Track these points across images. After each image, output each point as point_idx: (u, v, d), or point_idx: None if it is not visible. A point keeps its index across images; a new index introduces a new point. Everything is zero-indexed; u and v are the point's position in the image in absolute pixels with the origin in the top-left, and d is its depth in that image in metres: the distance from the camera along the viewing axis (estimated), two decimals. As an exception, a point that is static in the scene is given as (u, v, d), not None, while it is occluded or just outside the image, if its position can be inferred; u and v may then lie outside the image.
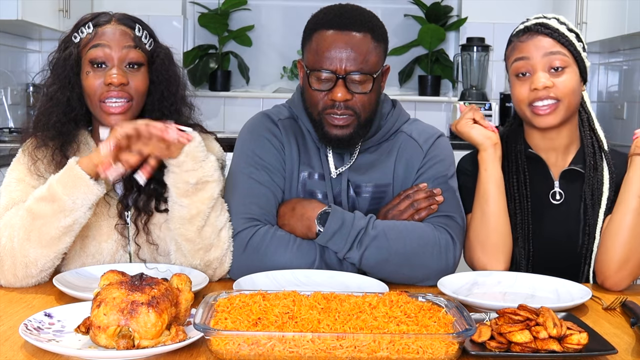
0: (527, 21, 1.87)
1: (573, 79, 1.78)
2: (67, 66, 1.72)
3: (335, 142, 1.76)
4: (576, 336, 1.21)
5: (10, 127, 4.06)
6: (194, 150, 1.61)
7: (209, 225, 1.65)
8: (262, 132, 1.83)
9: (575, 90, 1.79)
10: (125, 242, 1.74)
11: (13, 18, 3.55)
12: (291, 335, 1.15)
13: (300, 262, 1.69)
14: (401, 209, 1.76)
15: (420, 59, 4.66)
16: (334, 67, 1.68)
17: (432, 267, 1.69)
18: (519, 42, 1.83)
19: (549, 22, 1.82)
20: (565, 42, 1.78)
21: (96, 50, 1.70)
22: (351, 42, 1.68)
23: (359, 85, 1.70)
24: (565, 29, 1.80)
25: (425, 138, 1.84)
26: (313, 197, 1.80)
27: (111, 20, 1.74)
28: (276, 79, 4.78)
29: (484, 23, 4.58)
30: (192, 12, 4.72)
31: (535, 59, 1.78)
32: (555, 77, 1.77)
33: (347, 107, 1.70)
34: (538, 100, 1.77)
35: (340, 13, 1.73)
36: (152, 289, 1.21)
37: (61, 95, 1.72)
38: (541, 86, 1.75)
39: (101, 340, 1.18)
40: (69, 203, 1.57)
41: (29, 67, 4.50)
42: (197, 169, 1.62)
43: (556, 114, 1.78)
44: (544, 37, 1.79)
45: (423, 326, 1.20)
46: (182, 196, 1.63)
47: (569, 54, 1.78)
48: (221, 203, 1.69)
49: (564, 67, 1.77)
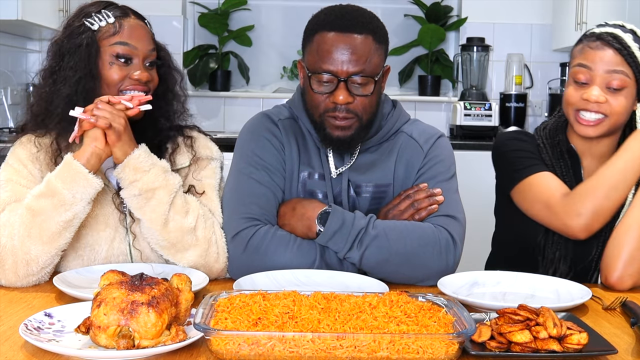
0: (603, 26, 1.82)
1: (628, 100, 1.78)
2: (90, 55, 1.71)
3: (337, 144, 1.76)
4: (576, 336, 1.21)
5: (10, 127, 4.06)
6: (135, 161, 1.63)
7: (174, 230, 1.66)
8: (262, 132, 1.83)
9: (627, 110, 1.79)
10: (124, 231, 1.74)
11: (13, 18, 3.55)
12: (291, 335, 1.15)
13: (301, 262, 1.69)
14: (401, 209, 1.76)
15: (420, 59, 4.66)
16: (335, 69, 1.67)
17: (432, 267, 1.69)
18: (587, 47, 1.80)
19: (624, 36, 1.78)
20: (632, 62, 1.76)
21: (125, 48, 1.71)
22: (353, 44, 1.67)
23: (361, 87, 1.69)
24: (637, 48, 1.77)
25: (425, 138, 1.84)
26: (313, 197, 1.80)
27: (129, 14, 1.76)
28: (276, 79, 4.78)
29: (484, 23, 4.58)
30: (192, 12, 4.72)
31: (597, 71, 1.77)
32: (610, 94, 1.77)
33: (348, 109, 1.70)
34: (585, 111, 1.78)
35: (341, 14, 1.72)
36: (152, 289, 1.21)
37: (81, 86, 1.70)
38: (593, 100, 1.76)
39: (101, 340, 1.18)
40: (69, 197, 1.58)
41: (29, 67, 4.50)
42: (138, 179, 1.63)
43: (599, 128, 1.79)
44: (612, 52, 1.76)
45: (423, 326, 1.20)
46: (135, 209, 1.66)
47: (631, 74, 1.77)
48: (182, 205, 1.68)
49: (621, 88, 1.76)
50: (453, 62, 4.62)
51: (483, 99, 4.44)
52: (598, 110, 1.77)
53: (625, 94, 1.77)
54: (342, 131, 1.73)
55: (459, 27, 4.60)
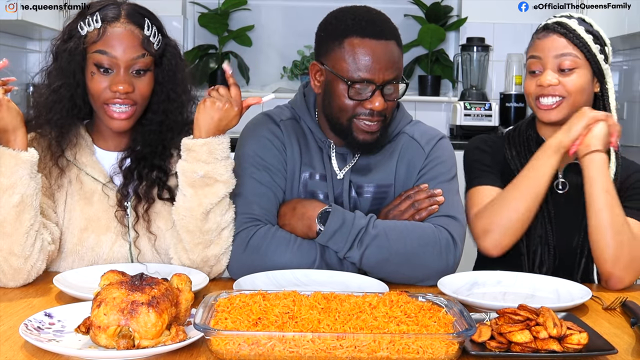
0: (550, 19, 1.90)
1: (582, 79, 1.83)
2: (72, 61, 1.68)
3: (365, 147, 1.77)
4: (576, 336, 1.21)
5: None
6: (216, 146, 1.62)
7: (210, 221, 1.65)
8: (264, 132, 1.83)
9: (583, 89, 1.83)
10: (125, 230, 1.74)
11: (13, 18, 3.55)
12: (291, 335, 1.15)
13: (301, 261, 1.69)
14: (402, 209, 1.76)
15: (420, 59, 4.66)
16: (372, 77, 1.68)
17: (432, 267, 1.69)
18: (536, 39, 1.88)
19: (569, 21, 1.85)
20: (579, 43, 1.83)
21: (103, 57, 1.66)
22: (387, 51, 1.69)
23: (393, 92, 1.72)
24: (583, 30, 1.83)
25: (427, 139, 1.85)
26: (314, 197, 1.80)
27: (120, 17, 1.68)
28: (276, 79, 4.77)
29: (484, 23, 4.57)
30: (192, 12, 4.71)
31: (546, 58, 1.84)
32: (563, 76, 1.82)
33: (380, 113, 1.71)
34: (543, 97, 1.84)
35: (372, 20, 1.72)
36: (152, 289, 1.21)
37: (65, 92, 1.69)
38: (546, 84, 1.81)
39: (101, 340, 1.18)
40: (4, 181, 1.55)
41: (29, 67, 4.49)
42: (209, 162, 1.62)
43: (559, 110, 1.83)
44: (558, 37, 1.84)
45: (423, 326, 1.20)
46: (188, 185, 1.63)
47: (581, 55, 1.83)
48: (228, 204, 1.68)
49: (573, 68, 1.82)
50: (453, 62, 4.61)
51: (483, 99, 4.44)
52: (554, 93, 1.82)
53: (578, 74, 1.82)
54: (370, 135, 1.73)
55: (459, 27, 4.60)
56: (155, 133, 1.77)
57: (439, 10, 4.57)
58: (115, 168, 1.77)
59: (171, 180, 1.76)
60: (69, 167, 1.76)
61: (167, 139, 1.78)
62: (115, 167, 1.77)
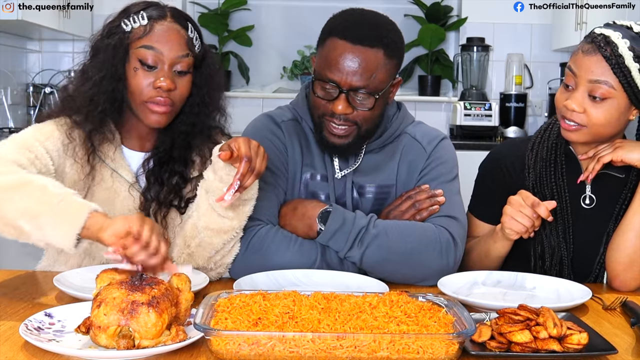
0: (608, 26, 1.73)
1: (611, 111, 1.69)
2: (116, 56, 1.67)
3: (332, 149, 1.77)
4: (576, 336, 1.21)
5: (10, 127, 4.07)
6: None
7: (235, 239, 1.67)
8: (265, 133, 1.83)
9: (609, 122, 1.70)
10: None
11: (13, 18, 3.55)
12: (291, 335, 1.15)
13: (301, 261, 1.69)
14: (403, 210, 1.76)
15: (420, 59, 4.66)
16: (338, 79, 1.66)
17: (432, 267, 1.69)
18: (580, 49, 1.72)
19: (619, 42, 1.66)
20: (620, 73, 1.65)
21: (148, 53, 1.65)
22: (361, 57, 1.65)
23: (361, 101, 1.68)
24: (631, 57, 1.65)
25: (428, 140, 1.85)
26: (315, 198, 1.80)
27: (166, 16, 1.68)
28: (276, 79, 4.77)
29: (484, 23, 4.58)
30: (192, 12, 4.71)
31: (581, 79, 1.69)
32: (592, 103, 1.69)
33: (347, 118, 1.70)
34: (565, 119, 1.74)
35: (357, 23, 1.70)
36: (152, 288, 1.22)
37: (107, 85, 1.67)
38: (570, 109, 1.71)
39: (101, 340, 1.18)
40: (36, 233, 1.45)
41: (29, 67, 4.50)
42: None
43: (580, 134, 1.73)
44: (599, 59, 1.67)
45: (423, 326, 1.20)
46: (228, 209, 1.62)
47: (617, 84, 1.66)
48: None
49: (604, 98, 1.68)
50: (453, 62, 4.62)
51: (483, 99, 4.44)
52: (574, 120, 1.71)
53: (609, 104, 1.69)
54: (338, 139, 1.72)
55: (459, 27, 4.60)
56: (184, 134, 1.76)
57: (439, 10, 4.58)
58: (140, 168, 1.76)
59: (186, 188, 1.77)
60: (100, 164, 1.73)
61: (194, 142, 1.77)
62: (140, 168, 1.76)
